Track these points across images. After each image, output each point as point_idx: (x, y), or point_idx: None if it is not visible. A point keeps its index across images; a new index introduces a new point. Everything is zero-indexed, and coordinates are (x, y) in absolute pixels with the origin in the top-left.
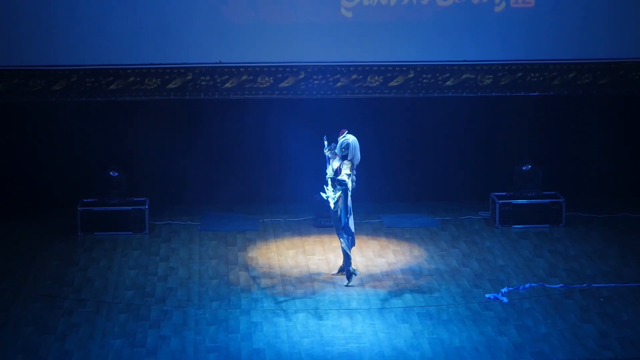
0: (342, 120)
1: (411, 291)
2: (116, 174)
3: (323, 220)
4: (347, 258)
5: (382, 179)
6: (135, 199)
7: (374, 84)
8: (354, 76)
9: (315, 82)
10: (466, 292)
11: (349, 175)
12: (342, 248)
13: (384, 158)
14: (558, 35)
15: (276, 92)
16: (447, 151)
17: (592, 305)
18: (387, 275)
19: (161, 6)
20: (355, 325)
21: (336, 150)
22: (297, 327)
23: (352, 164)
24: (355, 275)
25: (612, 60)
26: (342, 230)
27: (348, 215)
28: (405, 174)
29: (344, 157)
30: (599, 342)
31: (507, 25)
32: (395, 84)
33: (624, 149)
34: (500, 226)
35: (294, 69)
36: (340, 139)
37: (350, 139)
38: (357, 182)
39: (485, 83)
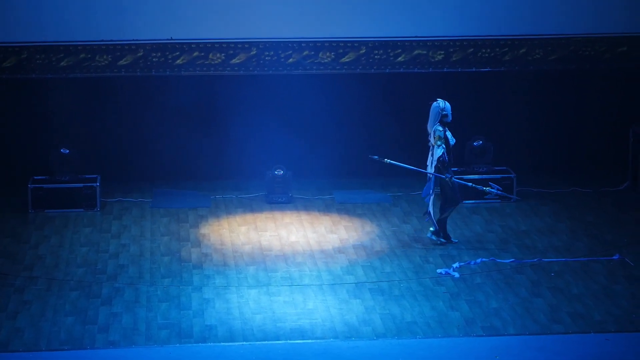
0: (294, 96)
1: (363, 267)
2: (67, 151)
3: (275, 197)
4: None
5: (334, 155)
6: (87, 176)
7: (326, 60)
8: (306, 52)
9: (267, 58)
10: (418, 267)
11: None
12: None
13: (336, 134)
14: (509, 11)
15: (228, 69)
16: (398, 126)
17: (543, 280)
18: (339, 251)
19: None
20: (307, 301)
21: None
22: (249, 303)
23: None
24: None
25: (562, 35)
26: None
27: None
28: (356, 149)
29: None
30: (549, 316)
31: (459, 1)
32: (347, 60)
33: (574, 124)
34: None
35: (246, 45)
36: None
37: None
38: (310, 159)
39: (436, 59)
